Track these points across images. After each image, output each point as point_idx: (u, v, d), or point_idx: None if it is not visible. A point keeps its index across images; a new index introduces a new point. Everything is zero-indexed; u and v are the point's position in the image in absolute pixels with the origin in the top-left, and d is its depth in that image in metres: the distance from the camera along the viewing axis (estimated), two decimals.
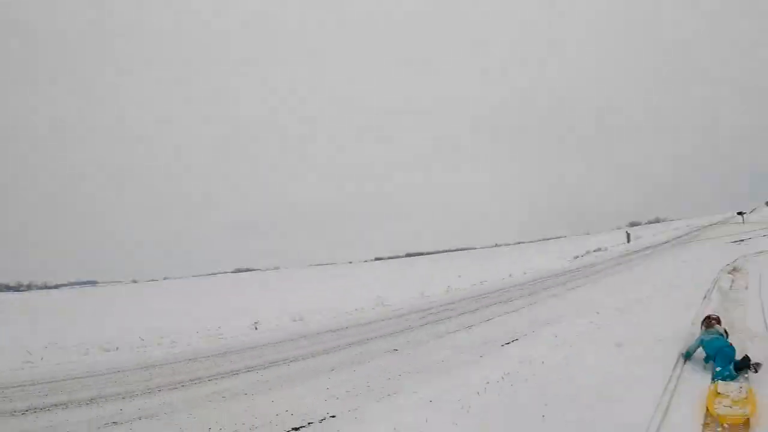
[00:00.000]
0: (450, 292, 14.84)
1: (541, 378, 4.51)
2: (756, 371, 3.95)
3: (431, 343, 7.33)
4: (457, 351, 6.50)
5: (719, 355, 4.15)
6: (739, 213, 52.66)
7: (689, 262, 14.21)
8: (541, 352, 5.48)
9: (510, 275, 18.04)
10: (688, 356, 4.58)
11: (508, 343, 6.51)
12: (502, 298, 12.15)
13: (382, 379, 5.44)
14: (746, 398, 3.39)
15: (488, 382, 4.50)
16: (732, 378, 3.94)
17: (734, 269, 11.49)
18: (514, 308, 10.11)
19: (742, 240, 20.87)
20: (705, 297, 7.85)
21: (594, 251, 26.62)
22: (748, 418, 3.13)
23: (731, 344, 4.28)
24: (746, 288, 8.67)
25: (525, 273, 18.73)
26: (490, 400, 4.04)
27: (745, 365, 4.01)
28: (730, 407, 3.26)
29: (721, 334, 4.59)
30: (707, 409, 3.35)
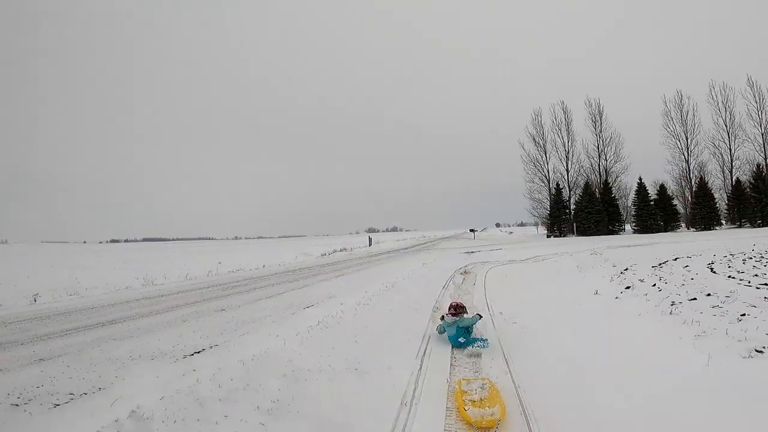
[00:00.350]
0: (212, 276, 15.15)
1: (345, 324, 6.29)
2: (483, 346, 5.01)
3: (248, 306, 8.44)
4: (273, 311, 7.80)
5: (454, 340, 5.35)
6: (472, 230, 63.01)
7: (429, 264, 16.39)
8: (336, 312, 7.07)
9: (264, 266, 18.68)
10: (440, 332, 5.75)
11: (308, 307, 7.96)
12: (280, 280, 13.17)
13: (231, 326, 6.58)
14: (490, 395, 3.55)
15: (310, 326, 6.10)
16: (466, 345, 5.13)
17: (465, 272, 13.70)
18: (297, 287, 11.32)
19: (473, 252, 23.94)
20: (444, 287, 10.14)
21: (340, 251, 28.91)
22: (498, 420, 3.17)
23: (463, 329, 5.35)
24: (474, 284, 10.93)
25: (280, 264, 19.49)
26: (318, 334, 5.71)
27: (471, 344, 5.08)
28: (480, 408, 3.29)
29: (455, 322, 5.42)
30: (459, 413, 3.38)
